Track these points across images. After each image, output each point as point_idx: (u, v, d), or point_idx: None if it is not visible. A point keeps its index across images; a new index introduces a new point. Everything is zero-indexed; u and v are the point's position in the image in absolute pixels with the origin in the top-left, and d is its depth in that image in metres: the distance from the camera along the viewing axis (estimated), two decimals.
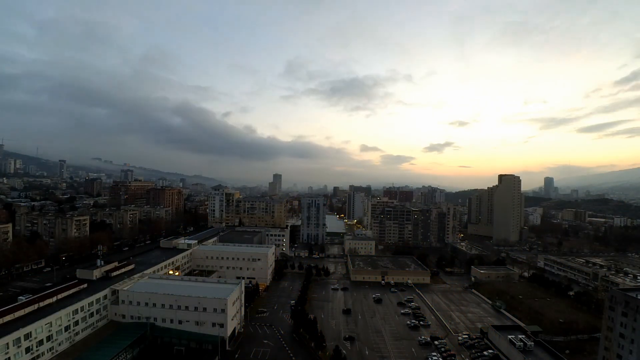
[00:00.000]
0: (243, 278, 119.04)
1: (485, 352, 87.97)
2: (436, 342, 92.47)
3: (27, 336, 67.48)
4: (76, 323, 79.84)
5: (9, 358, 63.55)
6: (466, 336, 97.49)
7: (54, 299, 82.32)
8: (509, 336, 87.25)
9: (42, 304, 78.94)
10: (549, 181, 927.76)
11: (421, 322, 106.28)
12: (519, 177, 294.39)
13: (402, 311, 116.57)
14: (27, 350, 67.22)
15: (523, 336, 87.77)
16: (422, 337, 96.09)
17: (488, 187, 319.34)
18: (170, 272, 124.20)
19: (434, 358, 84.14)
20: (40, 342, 70.26)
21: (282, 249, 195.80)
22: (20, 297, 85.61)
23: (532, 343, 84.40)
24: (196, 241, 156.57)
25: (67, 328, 77.17)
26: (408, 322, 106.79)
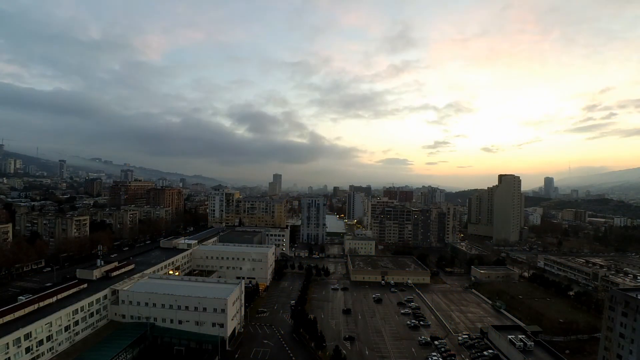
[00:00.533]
0: (243, 278, 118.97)
1: (485, 352, 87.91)
2: (436, 342, 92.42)
3: (27, 336, 67.43)
4: (76, 323, 79.80)
5: (9, 358, 63.51)
6: (466, 336, 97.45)
7: (54, 299, 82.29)
8: (509, 336, 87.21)
9: (42, 304, 78.88)
10: (549, 181, 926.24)
11: (421, 322, 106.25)
12: (519, 177, 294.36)
13: (402, 311, 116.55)
14: (27, 350, 67.17)
15: (523, 336, 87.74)
16: (422, 337, 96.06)
17: (488, 187, 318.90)
18: (170, 272, 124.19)
19: (434, 358, 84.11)
20: (40, 342, 70.20)
21: (282, 249, 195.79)
22: (20, 297, 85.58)
23: (532, 343, 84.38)
24: (196, 241, 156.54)
25: (67, 328, 77.14)
26: (408, 322, 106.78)
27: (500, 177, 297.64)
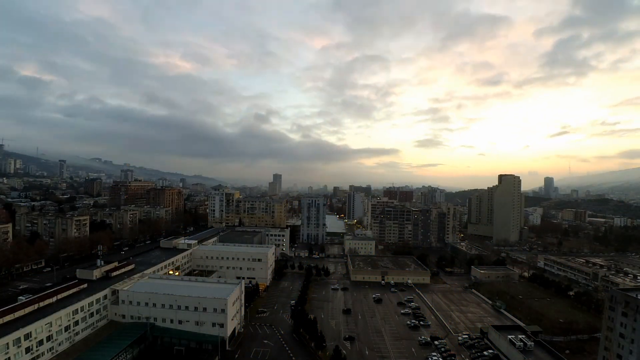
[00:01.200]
0: (243, 278, 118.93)
1: (485, 352, 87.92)
2: (436, 342, 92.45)
3: (27, 336, 67.41)
4: (76, 323, 79.80)
5: (9, 358, 63.51)
6: (466, 336, 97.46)
7: (54, 299, 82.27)
8: (509, 336, 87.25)
9: (42, 304, 78.85)
10: (549, 181, 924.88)
11: (421, 322, 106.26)
12: (519, 177, 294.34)
13: (402, 311, 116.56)
14: (27, 350, 67.16)
15: (523, 336, 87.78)
16: (422, 337, 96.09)
17: (488, 187, 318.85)
18: (170, 272, 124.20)
19: (434, 358, 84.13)
20: (40, 342, 70.20)
21: (282, 249, 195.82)
22: (20, 297, 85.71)
23: (532, 343, 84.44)
24: (196, 241, 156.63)
25: (67, 328, 77.13)
26: (408, 322, 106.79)
27: (500, 177, 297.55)
